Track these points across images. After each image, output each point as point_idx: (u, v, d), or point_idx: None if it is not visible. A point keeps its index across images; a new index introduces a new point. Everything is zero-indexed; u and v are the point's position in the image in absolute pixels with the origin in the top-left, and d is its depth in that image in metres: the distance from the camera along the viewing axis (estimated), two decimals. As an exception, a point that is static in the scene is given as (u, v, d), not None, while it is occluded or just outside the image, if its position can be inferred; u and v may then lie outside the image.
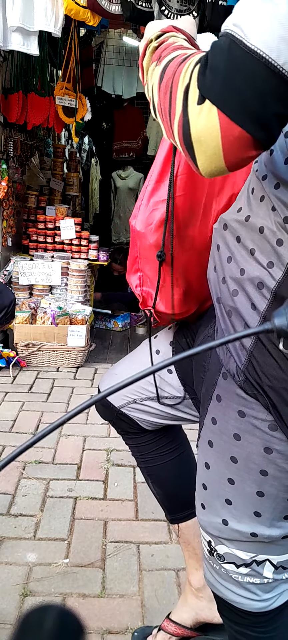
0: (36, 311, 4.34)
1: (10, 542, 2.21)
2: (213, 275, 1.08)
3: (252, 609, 1.10)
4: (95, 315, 5.23)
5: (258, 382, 0.98)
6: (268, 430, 0.99)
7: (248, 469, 1.02)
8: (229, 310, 1.02)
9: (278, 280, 0.93)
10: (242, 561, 1.08)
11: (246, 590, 1.09)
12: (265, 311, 0.95)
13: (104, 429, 3.23)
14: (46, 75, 4.65)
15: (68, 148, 6.59)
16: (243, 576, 1.08)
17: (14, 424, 3.25)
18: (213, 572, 1.15)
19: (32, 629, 0.54)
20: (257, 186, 0.98)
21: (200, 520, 1.15)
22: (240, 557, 1.08)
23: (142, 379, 0.69)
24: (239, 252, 1.00)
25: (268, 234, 0.94)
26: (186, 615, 1.69)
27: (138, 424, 1.47)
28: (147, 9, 3.46)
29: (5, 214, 4.36)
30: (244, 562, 1.08)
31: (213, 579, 1.16)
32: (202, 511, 1.13)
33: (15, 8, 3.49)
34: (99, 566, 2.10)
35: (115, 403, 1.47)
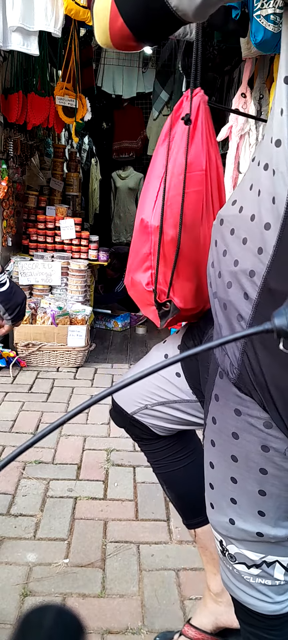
0: (36, 311, 4.34)
1: (10, 542, 2.21)
2: (212, 270, 1.08)
3: (265, 611, 1.10)
4: (95, 315, 5.23)
5: (251, 379, 0.98)
6: (263, 428, 0.98)
7: (248, 468, 1.02)
8: (224, 304, 1.03)
9: (267, 265, 0.93)
10: (252, 562, 1.08)
11: (258, 592, 1.09)
12: (257, 300, 0.95)
13: (104, 429, 3.23)
14: (46, 75, 4.65)
15: (68, 148, 6.59)
16: (255, 577, 1.09)
17: (14, 424, 3.25)
18: (228, 572, 1.15)
19: (32, 629, 0.54)
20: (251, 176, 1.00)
21: (210, 520, 1.16)
22: (250, 557, 1.08)
23: (141, 379, 0.69)
24: (233, 244, 1.01)
25: (257, 220, 0.95)
26: (206, 620, 1.67)
27: (151, 430, 1.47)
28: (147, 9, 3.45)
29: (5, 214, 4.36)
30: (254, 563, 1.08)
31: (228, 580, 1.16)
32: (211, 511, 1.14)
33: (15, 8, 3.48)
34: (99, 566, 2.10)
35: (128, 410, 1.47)
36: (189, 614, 1.89)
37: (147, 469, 2.81)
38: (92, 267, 4.94)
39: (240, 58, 4.13)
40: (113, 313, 5.59)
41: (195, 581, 2.05)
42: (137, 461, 2.89)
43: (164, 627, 1.83)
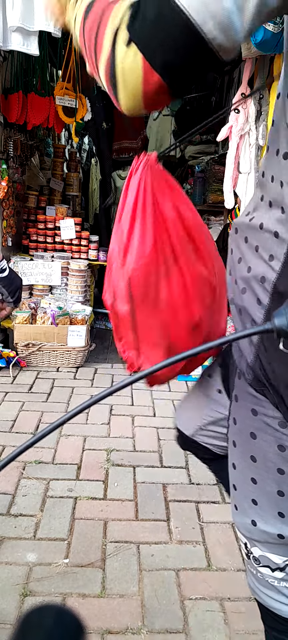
0: (36, 311, 4.34)
1: (10, 542, 2.21)
2: (229, 278, 1.11)
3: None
4: (95, 315, 5.24)
5: (265, 378, 0.99)
6: (278, 427, 0.99)
7: (266, 468, 1.03)
8: (240, 309, 1.05)
9: (278, 272, 0.95)
10: (276, 565, 1.08)
11: (283, 596, 1.09)
12: (268, 305, 0.97)
13: (104, 429, 3.23)
14: (46, 75, 4.65)
15: (68, 148, 6.59)
16: (279, 581, 1.08)
17: (14, 424, 3.25)
18: (253, 577, 1.15)
19: (32, 629, 0.54)
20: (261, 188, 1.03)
21: (235, 521, 1.16)
22: (273, 560, 1.08)
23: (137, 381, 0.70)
24: (247, 252, 1.03)
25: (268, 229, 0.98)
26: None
27: (210, 450, 1.45)
28: (147, 9, 3.45)
29: (5, 214, 4.36)
30: (278, 566, 1.08)
31: (253, 585, 1.16)
32: (235, 512, 1.15)
33: (15, 8, 3.48)
34: (99, 566, 2.10)
35: (187, 432, 1.45)
36: (189, 614, 1.89)
37: (147, 469, 2.82)
38: (92, 267, 4.95)
39: (240, 58, 4.13)
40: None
41: (195, 581, 2.05)
42: (137, 461, 2.89)
43: (164, 627, 1.83)
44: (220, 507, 2.52)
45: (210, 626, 1.85)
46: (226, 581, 2.06)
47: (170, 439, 3.17)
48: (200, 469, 2.85)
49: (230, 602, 1.96)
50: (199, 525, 2.39)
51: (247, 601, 1.97)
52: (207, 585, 2.04)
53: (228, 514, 2.46)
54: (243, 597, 1.99)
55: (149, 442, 3.12)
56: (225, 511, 2.50)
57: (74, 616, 0.55)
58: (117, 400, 3.63)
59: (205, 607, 1.93)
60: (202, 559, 2.18)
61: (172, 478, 2.75)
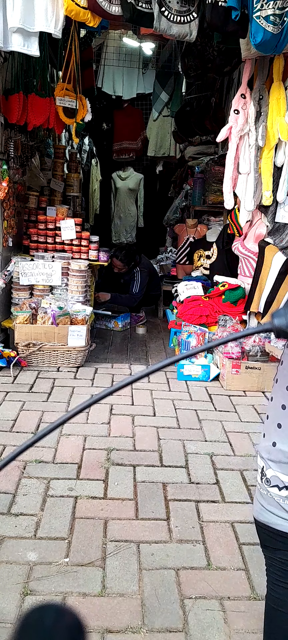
0: (37, 311, 4.35)
1: (11, 541, 2.22)
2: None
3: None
4: (95, 315, 5.24)
5: None
6: None
7: None
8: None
9: None
10: (283, 484, 1.29)
11: (286, 513, 1.29)
12: None
13: (104, 429, 3.24)
14: (46, 76, 4.66)
15: (68, 149, 6.60)
16: (284, 499, 1.29)
17: (15, 423, 3.26)
18: (262, 499, 1.35)
19: (33, 628, 0.54)
20: None
21: (259, 448, 1.37)
22: (282, 479, 1.29)
23: (136, 381, 0.70)
24: None
25: None
26: None
27: None
28: (147, 10, 3.46)
29: (6, 214, 4.37)
30: (285, 485, 1.29)
31: (259, 508, 1.36)
32: (262, 439, 1.36)
33: (15, 9, 3.49)
34: (99, 565, 2.11)
35: None
36: (189, 613, 1.90)
37: (147, 469, 2.82)
38: (93, 267, 4.95)
39: (239, 59, 4.14)
40: (113, 313, 5.60)
41: (195, 580, 2.06)
42: (137, 460, 2.90)
43: (164, 626, 1.84)
44: (220, 507, 2.53)
45: (210, 625, 1.86)
46: (226, 580, 2.07)
47: (170, 439, 3.18)
48: (200, 468, 2.86)
49: (229, 601, 1.97)
50: (199, 525, 2.39)
51: (246, 600, 1.98)
52: (207, 584, 2.05)
53: (228, 513, 2.48)
54: (243, 596, 2.00)
55: (149, 442, 3.13)
56: (225, 510, 2.51)
57: (74, 615, 0.56)
58: (117, 400, 3.64)
59: (205, 606, 1.94)
60: (202, 558, 2.19)
61: (172, 477, 2.75)
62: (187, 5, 3.48)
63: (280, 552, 1.32)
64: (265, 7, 3.22)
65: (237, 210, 4.73)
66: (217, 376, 4.19)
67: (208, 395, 3.89)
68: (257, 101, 4.02)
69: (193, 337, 4.38)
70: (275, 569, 1.37)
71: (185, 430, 3.31)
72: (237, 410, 3.67)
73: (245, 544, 2.27)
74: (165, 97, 6.91)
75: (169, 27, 3.48)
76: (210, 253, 5.61)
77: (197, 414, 3.55)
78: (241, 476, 2.80)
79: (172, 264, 6.44)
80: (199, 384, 4.09)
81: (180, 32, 3.52)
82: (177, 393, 3.88)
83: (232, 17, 3.27)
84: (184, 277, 5.68)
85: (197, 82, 6.09)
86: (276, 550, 1.34)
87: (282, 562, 1.33)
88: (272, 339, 4.08)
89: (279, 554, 1.33)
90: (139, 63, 7.61)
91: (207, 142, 6.74)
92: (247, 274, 4.58)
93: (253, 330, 0.77)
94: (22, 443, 0.67)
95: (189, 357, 4.23)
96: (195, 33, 3.55)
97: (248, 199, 4.20)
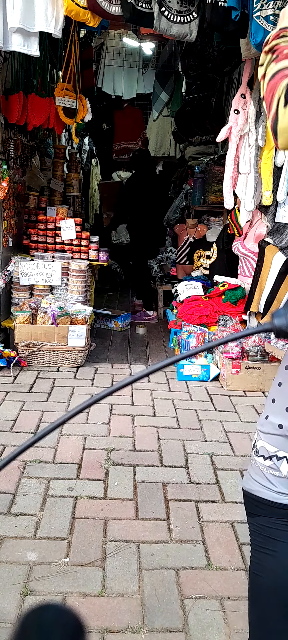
0: (37, 311, 4.35)
1: (11, 541, 2.22)
2: None
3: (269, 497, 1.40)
4: (95, 315, 5.24)
5: None
6: None
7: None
8: None
9: None
10: (269, 454, 1.41)
11: (268, 481, 1.40)
12: None
13: (104, 429, 3.24)
14: (46, 76, 4.66)
15: (68, 149, 6.60)
16: (267, 468, 1.41)
17: (15, 423, 3.26)
18: (250, 468, 1.47)
19: (33, 628, 0.54)
20: None
21: (258, 423, 1.48)
22: (268, 450, 1.41)
23: (136, 381, 0.70)
24: None
25: None
26: None
27: None
28: (147, 10, 3.46)
29: (6, 214, 4.37)
30: (270, 455, 1.40)
31: (247, 477, 1.48)
32: (262, 414, 1.47)
33: (15, 9, 3.49)
34: (99, 565, 2.11)
35: None
36: (189, 613, 1.90)
37: (147, 469, 2.82)
38: (93, 268, 4.95)
39: (239, 59, 4.14)
40: (113, 313, 5.61)
41: (195, 580, 2.06)
42: (137, 460, 2.90)
43: (164, 626, 1.84)
44: (219, 506, 2.53)
45: (210, 625, 1.86)
46: (226, 580, 2.07)
47: (170, 439, 3.18)
48: (200, 468, 2.86)
49: (229, 601, 1.97)
50: (199, 525, 2.39)
51: (246, 600, 1.98)
52: (207, 584, 2.05)
53: (228, 513, 2.48)
54: (243, 596, 2.00)
55: (149, 442, 3.13)
56: (225, 510, 2.51)
57: (74, 615, 0.56)
58: (117, 400, 3.64)
59: (205, 606, 1.94)
60: (202, 558, 2.19)
61: (172, 477, 2.75)
62: (187, 5, 3.48)
63: (260, 517, 1.44)
64: (265, 7, 3.23)
65: (237, 210, 4.73)
66: (217, 376, 4.19)
67: (208, 395, 3.89)
68: (257, 101, 4.02)
69: (193, 337, 4.38)
70: (256, 535, 1.47)
71: (185, 430, 3.31)
72: (237, 410, 3.67)
73: (245, 544, 2.27)
74: (165, 97, 6.91)
75: (169, 27, 3.48)
76: (210, 253, 5.61)
77: (197, 414, 3.55)
78: (241, 476, 2.80)
79: (172, 264, 6.44)
80: (199, 384, 4.09)
81: (180, 32, 3.52)
82: (177, 393, 3.89)
83: (232, 17, 3.27)
84: (184, 277, 5.68)
85: (197, 82, 6.09)
86: (257, 516, 1.45)
87: (262, 528, 1.43)
88: (272, 339, 4.09)
89: (260, 520, 1.44)
90: (139, 63, 7.62)
91: (207, 142, 6.73)
92: (247, 274, 4.58)
93: (253, 330, 0.77)
94: (22, 443, 0.67)
95: (189, 357, 4.23)
96: (195, 33, 3.55)
97: (248, 199, 4.20)
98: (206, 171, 6.11)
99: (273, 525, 1.41)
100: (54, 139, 6.03)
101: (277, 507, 1.40)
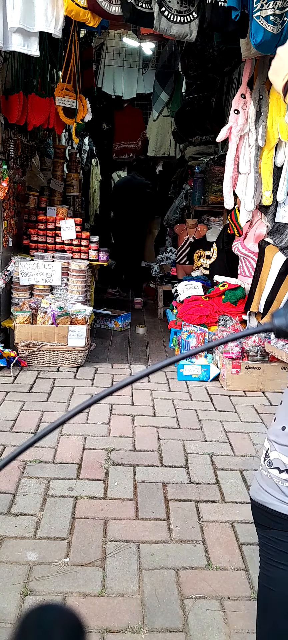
0: (37, 311, 4.35)
1: (11, 541, 2.22)
2: None
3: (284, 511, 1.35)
4: (95, 315, 5.24)
5: None
6: None
7: None
8: None
9: None
10: (284, 467, 1.35)
11: (283, 494, 1.35)
12: None
13: (104, 429, 3.24)
14: (46, 76, 4.66)
15: (68, 149, 6.60)
16: (283, 481, 1.35)
17: (15, 423, 3.26)
18: (261, 479, 1.42)
19: (33, 628, 0.54)
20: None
21: (269, 432, 1.43)
22: (284, 462, 1.36)
23: (135, 381, 0.70)
24: None
25: None
26: None
27: None
28: (147, 10, 3.46)
29: (6, 214, 4.37)
30: (286, 468, 1.35)
31: (257, 487, 1.42)
32: (273, 423, 1.43)
33: (15, 9, 3.49)
34: (99, 565, 2.11)
35: None
36: (189, 613, 1.90)
37: (147, 469, 2.82)
38: (93, 267, 4.96)
39: (239, 59, 4.14)
40: (113, 313, 5.61)
41: (194, 580, 2.06)
42: (137, 460, 2.90)
43: (164, 626, 1.84)
44: (219, 506, 2.53)
45: (210, 625, 1.86)
46: (226, 580, 2.07)
47: (170, 439, 3.18)
48: (200, 468, 2.86)
49: (229, 601, 1.97)
50: (199, 525, 2.39)
51: (246, 600, 1.98)
52: (207, 584, 2.05)
53: (228, 513, 2.48)
54: (243, 596, 2.00)
55: (149, 442, 3.13)
56: (225, 510, 2.51)
57: (74, 615, 0.56)
58: (117, 400, 3.64)
59: (205, 606, 1.94)
60: (202, 558, 2.19)
61: (172, 477, 2.75)
62: (187, 5, 3.48)
63: (274, 531, 1.39)
64: (265, 7, 3.23)
65: (237, 210, 4.73)
66: (217, 376, 4.19)
67: (208, 395, 3.89)
68: (257, 101, 4.02)
69: (193, 337, 4.38)
70: (267, 548, 1.43)
71: (185, 430, 3.31)
72: (237, 410, 3.67)
73: (245, 544, 2.27)
74: (165, 97, 6.92)
75: (169, 27, 3.48)
76: (210, 253, 5.61)
77: (197, 414, 3.55)
78: (241, 476, 2.80)
79: (172, 264, 6.45)
80: (199, 384, 4.09)
81: (180, 32, 3.52)
82: (177, 393, 3.89)
83: (232, 17, 3.27)
84: (184, 277, 5.68)
85: (197, 82, 6.09)
86: (270, 529, 1.40)
87: (275, 541, 1.39)
88: (272, 339, 4.08)
89: (272, 533, 1.39)
90: (139, 63, 7.62)
91: (207, 142, 6.73)
92: (247, 274, 4.58)
93: (253, 330, 0.77)
94: (22, 443, 0.67)
95: (189, 357, 4.23)
96: (195, 33, 3.55)
97: (248, 199, 4.20)
98: (206, 171, 6.11)
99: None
100: (54, 139, 6.03)
101: None
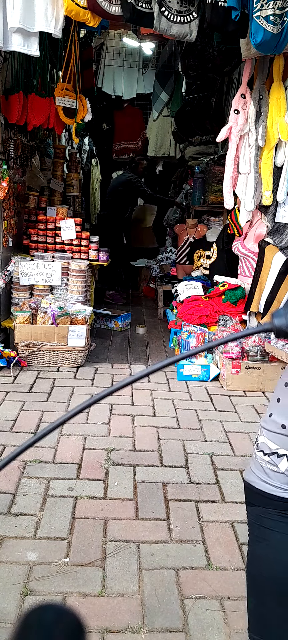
0: (37, 311, 4.35)
1: (11, 541, 2.22)
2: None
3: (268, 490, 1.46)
4: (95, 315, 5.24)
5: None
6: None
7: None
8: None
9: None
10: (269, 450, 1.46)
11: (266, 475, 1.47)
12: None
13: (104, 429, 3.24)
14: (46, 76, 4.66)
15: (68, 149, 6.60)
16: (267, 463, 1.47)
17: (15, 423, 3.26)
18: (251, 462, 1.54)
19: (33, 628, 0.54)
20: None
21: (261, 421, 1.53)
22: (269, 446, 1.46)
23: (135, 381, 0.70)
24: None
25: None
26: None
27: None
28: (147, 10, 3.46)
29: (6, 214, 4.37)
30: (270, 452, 1.46)
31: (248, 469, 1.54)
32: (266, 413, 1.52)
33: (15, 9, 3.49)
34: (99, 565, 2.11)
35: None
36: (189, 613, 1.90)
37: (147, 469, 2.82)
38: (93, 267, 4.95)
39: (239, 59, 4.14)
40: (113, 313, 5.61)
41: (194, 580, 2.06)
42: (137, 460, 2.90)
43: (164, 626, 1.84)
44: (219, 506, 2.53)
45: (210, 625, 1.86)
46: (226, 580, 2.07)
47: (170, 439, 3.18)
48: (200, 468, 2.86)
49: (229, 601, 1.97)
50: (199, 525, 2.39)
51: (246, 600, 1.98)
52: (207, 584, 2.05)
53: (228, 513, 2.48)
54: (243, 596, 2.00)
55: (149, 442, 3.13)
56: (225, 510, 2.51)
57: (74, 615, 0.56)
58: (117, 400, 3.64)
59: (205, 606, 1.94)
60: (202, 558, 2.19)
61: (172, 477, 2.75)
62: (187, 5, 3.48)
63: (258, 508, 1.51)
64: (265, 7, 3.22)
65: (237, 210, 4.73)
66: (217, 376, 4.19)
67: (208, 395, 3.89)
68: (257, 101, 4.01)
69: (193, 337, 4.38)
70: (252, 525, 1.55)
71: (185, 430, 3.31)
72: (237, 410, 3.67)
73: (245, 544, 2.27)
74: (165, 97, 6.91)
75: (169, 27, 3.48)
76: (210, 253, 5.61)
77: (197, 414, 3.55)
78: (241, 476, 2.80)
79: (172, 264, 6.45)
80: (199, 384, 4.09)
81: (180, 32, 3.52)
82: (177, 393, 3.89)
83: (232, 17, 3.27)
84: (184, 277, 5.68)
85: (197, 82, 6.09)
86: (254, 506, 1.53)
87: (258, 517, 1.51)
88: (272, 339, 4.08)
89: (257, 510, 1.52)
90: (139, 63, 7.62)
91: (207, 142, 6.74)
92: (247, 274, 4.58)
93: (253, 330, 0.77)
94: (22, 443, 0.67)
95: (189, 357, 4.23)
96: (195, 33, 3.55)
97: (248, 199, 4.20)
98: (206, 171, 6.11)
99: (269, 516, 1.48)
100: (54, 139, 6.03)
101: (273, 499, 1.46)
